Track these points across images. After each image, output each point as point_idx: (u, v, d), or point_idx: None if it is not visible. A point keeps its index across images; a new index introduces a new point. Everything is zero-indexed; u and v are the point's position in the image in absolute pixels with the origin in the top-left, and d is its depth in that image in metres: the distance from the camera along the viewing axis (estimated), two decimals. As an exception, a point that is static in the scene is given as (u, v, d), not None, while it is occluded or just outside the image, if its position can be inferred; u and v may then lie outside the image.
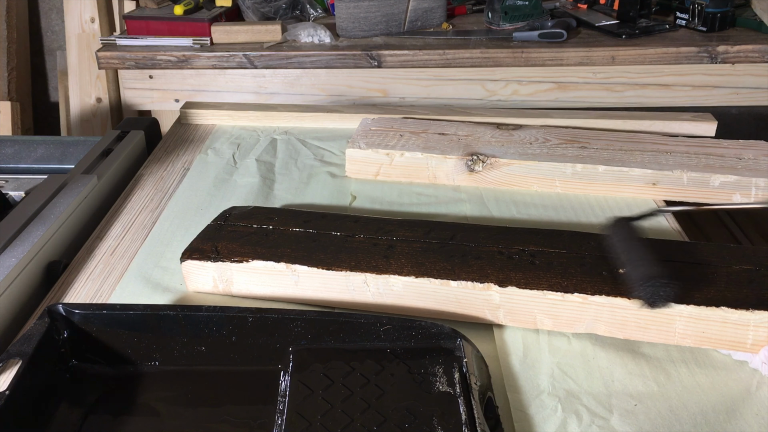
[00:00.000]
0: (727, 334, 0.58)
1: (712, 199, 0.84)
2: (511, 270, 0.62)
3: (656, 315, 0.58)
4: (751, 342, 0.58)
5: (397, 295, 0.63)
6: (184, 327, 0.58)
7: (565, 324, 0.61)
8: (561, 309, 0.60)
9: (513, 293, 0.61)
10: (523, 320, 0.62)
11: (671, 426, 0.53)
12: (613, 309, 0.59)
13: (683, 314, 0.58)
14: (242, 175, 0.93)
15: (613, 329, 0.60)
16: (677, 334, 0.59)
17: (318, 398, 0.52)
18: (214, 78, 1.46)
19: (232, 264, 0.65)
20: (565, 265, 0.63)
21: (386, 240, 0.68)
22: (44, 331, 0.56)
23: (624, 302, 0.59)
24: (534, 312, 0.61)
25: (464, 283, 0.62)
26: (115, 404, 0.55)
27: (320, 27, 1.44)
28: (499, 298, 0.61)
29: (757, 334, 0.57)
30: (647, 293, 0.56)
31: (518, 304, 0.61)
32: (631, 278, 0.59)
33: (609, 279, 0.61)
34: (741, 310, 0.57)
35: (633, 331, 0.60)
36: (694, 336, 0.59)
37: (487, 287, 0.61)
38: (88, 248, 0.77)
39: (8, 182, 0.87)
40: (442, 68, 1.42)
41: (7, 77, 1.91)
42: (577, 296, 0.59)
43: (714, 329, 0.58)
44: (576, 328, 0.61)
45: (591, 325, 0.60)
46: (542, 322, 0.61)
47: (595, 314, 0.60)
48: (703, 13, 1.42)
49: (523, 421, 0.53)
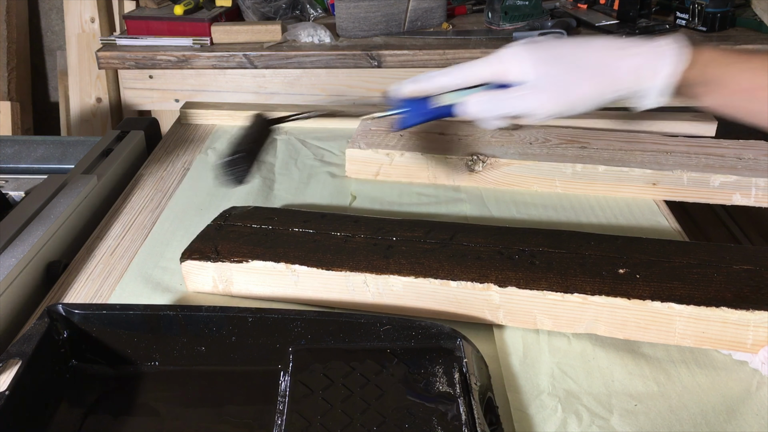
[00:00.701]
0: (727, 334, 0.58)
1: (712, 199, 0.84)
2: (510, 270, 0.62)
3: (657, 315, 0.58)
4: (751, 342, 0.58)
5: (397, 295, 0.63)
6: (184, 327, 0.58)
7: (564, 324, 0.61)
8: (561, 309, 0.60)
9: (513, 293, 0.61)
10: (523, 320, 0.62)
11: (671, 426, 0.53)
12: (613, 309, 0.59)
13: (683, 314, 0.58)
14: (242, 175, 0.92)
15: (613, 329, 0.60)
16: (677, 334, 0.59)
17: (318, 398, 0.52)
18: (214, 78, 1.46)
19: (232, 264, 0.65)
20: (565, 265, 0.63)
21: (386, 240, 0.68)
22: (44, 331, 0.55)
23: (624, 302, 0.59)
24: (534, 312, 0.61)
25: (464, 283, 0.62)
26: (115, 404, 0.55)
27: (320, 27, 1.44)
28: (499, 299, 0.61)
29: (757, 334, 0.57)
30: (222, 168, 0.62)
31: (518, 305, 0.61)
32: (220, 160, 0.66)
33: (609, 279, 0.61)
34: (741, 311, 0.57)
35: (633, 332, 0.60)
36: (694, 336, 0.59)
37: (487, 287, 0.61)
38: (88, 248, 0.77)
39: (8, 182, 0.87)
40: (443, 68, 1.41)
41: (7, 77, 1.91)
42: (576, 296, 0.59)
43: (714, 329, 0.58)
44: (576, 329, 0.61)
45: (591, 326, 0.60)
46: (542, 322, 0.61)
47: (594, 314, 0.60)
48: (703, 13, 1.41)
49: (523, 421, 0.53)
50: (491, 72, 0.66)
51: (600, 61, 0.63)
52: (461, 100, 0.68)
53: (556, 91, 0.64)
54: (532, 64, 0.64)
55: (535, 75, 0.64)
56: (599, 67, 0.63)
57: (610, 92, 0.63)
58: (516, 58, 0.65)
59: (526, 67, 0.64)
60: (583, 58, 0.64)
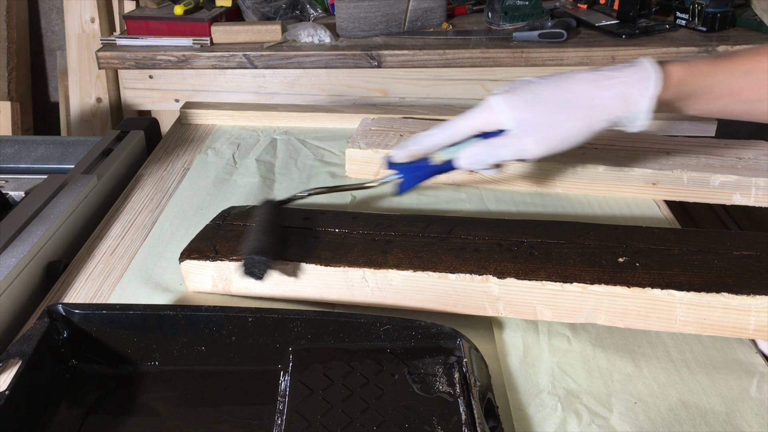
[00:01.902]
0: (728, 320, 0.57)
1: (712, 199, 0.84)
2: (509, 261, 0.62)
3: (657, 303, 0.58)
4: (753, 327, 0.57)
5: (396, 289, 0.63)
6: (184, 327, 0.58)
7: (565, 314, 0.61)
8: (560, 299, 0.60)
9: (512, 284, 0.60)
10: (523, 312, 0.62)
11: (671, 426, 0.53)
12: (613, 298, 0.59)
13: (684, 301, 0.57)
14: (242, 175, 0.93)
15: (614, 318, 0.60)
16: (678, 322, 0.58)
17: (318, 398, 0.52)
18: (214, 78, 1.46)
19: (231, 263, 0.65)
20: (563, 255, 0.63)
21: (384, 235, 0.68)
22: (44, 331, 0.56)
23: (624, 291, 0.58)
24: (533, 303, 0.61)
25: (463, 275, 0.61)
26: (115, 404, 0.55)
27: (320, 27, 1.44)
28: (498, 290, 0.61)
29: (759, 319, 0.57)
30: (245, 264, 0.62)
31: (517, 296, 0.61)
32: (240, 249, 0.65)
33: (608, 268, 0.60)
34: (742, 296, 0.56)
35: (633, 320, 0.59)
36: (696, 323, 0.58)
37: (486, 279, 0.61)
38: (88, 248, 0.77)
39: (8, 182, 0.87)
40: (442, 68, 1.42)
41: (7, 77, 1.91)
42: (576, 286, 0.59)
43: (715, 316, 0.57)
44: (576, 318, 0.61)
45: (591, 315, 0.60)
46: (542, 312, 0.61)
47: (594, 303, 0.59)
48: (703, 13, 1.42)
49: (523, 421, 0.53)
50: (475, 125, 0.69)
51: (583, 94, 0.65)
52: (453, 156, 0.71)
53: (538, 134, 0.66)
54: (511, 112, 0.66)
55: (516, 122, 0.66)
56: (584, 100, 0.65)
57: (599, 122, 0.65)
58: (496, 109, 0.67)
59: (506, 116, 0.66)
60: (565, 95, 0.65)
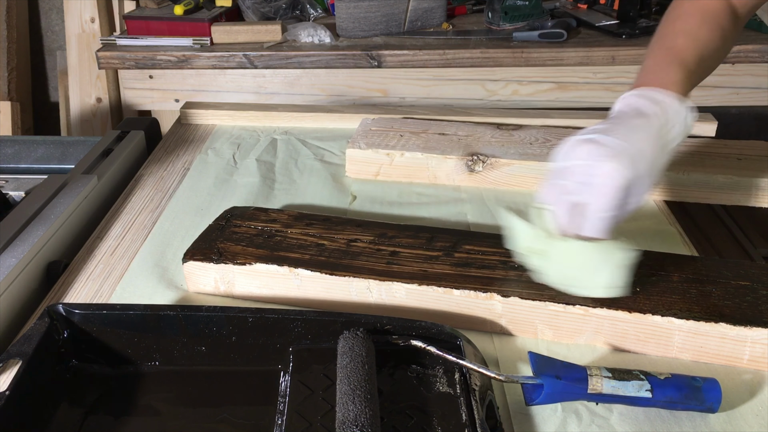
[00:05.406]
0: (725, 349, 0.58)
1: (712, 199, 0.84)
2: (514, 280, 0.62)
3: (656, 329, 0.59)
4: (747, 358, 0.58)
5: (400, 301, 0.63)
6: (184, 327, 0.58)
7: (565, 335, 0.61)
8: (562, 320, 0.60)
9: (515, 303, 0.61)
10: (524, 330, 0.62)
11: (671, 426, 0.53)
12: (614, 322, 0.59)
13: (682, 329, 0.58)
14: (242, 175, 0.93)
15: (613, 342, 0.60)
16: (676, 348, 0.59)
17: (318, 398, 0.52)
18: (214, 78, 1.46)
19: (235, 266, 0.65)
20: None
21: (390, 246, 0.68)
22: (44, 331, 0.55)
23: (625, 315, 0.59)
24: (535, 322, 0.61)
25: (467, 292, 0.61)
26: (115, 404, 0.55)
27: (320, 27, 1.44)
28: (502, 308, 0.61)
29: (753, 350, 0.58)
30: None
31: (520, 314, 0.61)
32: (337, 417, 0.50)
33: None
34: (739, 327, 0.57)
35: (632, 344, 0.60)
36: (693, 350, 0.59)
37: (490, 296, 0.61)
38: (88, 248, 0.76)
39: (8, 182, 0.87)
40: (442, 68, 1.42)
41: (7, 77, 1.91)
42: (578, 308, 0.59)
43: (712, 344, 0.58)
44: (576, 340, 0.61)
45: (591, 337, 0.61)
46: (543, 332, 0.62)
47: (595, 326, 0.60)
48: (703, 13, 1.41)
49: (523, 422, 0.53)
50: None
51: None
52: (617, 394, 0.52)
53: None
54: None
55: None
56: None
57: None
58: None
59: None
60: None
